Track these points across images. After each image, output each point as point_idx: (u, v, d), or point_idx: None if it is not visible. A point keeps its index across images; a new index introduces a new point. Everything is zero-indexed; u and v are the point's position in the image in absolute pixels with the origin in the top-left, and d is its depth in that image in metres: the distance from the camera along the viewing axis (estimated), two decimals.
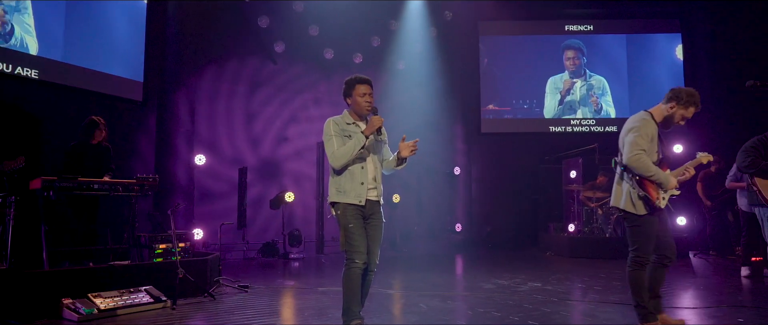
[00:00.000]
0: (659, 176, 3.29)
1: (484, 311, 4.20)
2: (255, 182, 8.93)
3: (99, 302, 4.04)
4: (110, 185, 4.86)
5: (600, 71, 10.78)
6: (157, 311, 4.23)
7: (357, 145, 3.19)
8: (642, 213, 3.33)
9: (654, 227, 3.36)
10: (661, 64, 10.75)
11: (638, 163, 3.25)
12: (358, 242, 3.20)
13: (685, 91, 3.38)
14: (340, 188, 3.27)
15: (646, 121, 3.38)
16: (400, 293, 5.13)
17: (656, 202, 3.31)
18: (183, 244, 5.24)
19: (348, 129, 3.29)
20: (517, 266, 7.05)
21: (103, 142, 5.34)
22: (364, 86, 3.32)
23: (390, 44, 9.99)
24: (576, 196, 8.82)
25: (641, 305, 3.36)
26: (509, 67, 10.84)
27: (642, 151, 3.27)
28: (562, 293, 5.02)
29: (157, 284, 4.54)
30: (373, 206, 3.32)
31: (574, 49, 10.85)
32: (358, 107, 3.32)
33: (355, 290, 3.19)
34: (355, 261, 3.18)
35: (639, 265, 3.37)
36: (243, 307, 4.48)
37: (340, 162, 3.23)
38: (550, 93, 10.71)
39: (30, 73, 6.11)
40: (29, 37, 6.18)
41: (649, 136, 3.32)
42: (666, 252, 3.43)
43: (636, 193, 3.34)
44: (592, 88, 10.69)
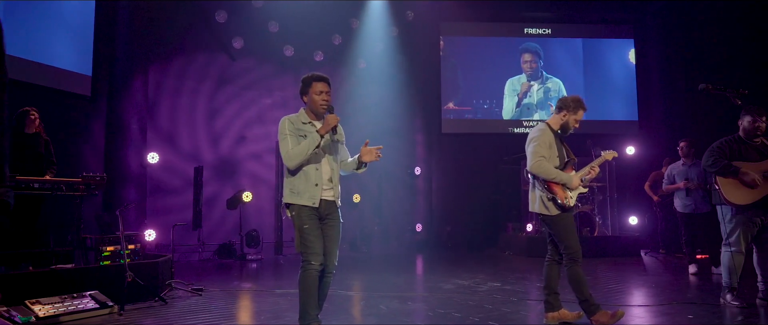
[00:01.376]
0: (561, 177, 3.57)
1: (445, 312, 4.17)
2: (212, 182, 8.67)
3: (37, 309, 3.78)
4: (53, 183, 4.58)
5: (557, 74, 11.02)
6: (102, 318, 4.00)
7: (312, 145, 3.10)
8: (554, 213, 3.59)
9: (571, 222, 3.62)
10: (615, 67, 11.09)
11: (539, 168, 3.56)
12: (313, 243, 3.10)
13: (570, 98, 3.71)
14: (294, 189, 3.17)
15: (543, 130, 3.69)
16: (360, 295, 5.06)
17: (565, 201, 3.56)
18: (133, 246, 5.01)
19: (303, 128, 3.20)
20: (476, 266, 7.10)
21: (41, 135, 5.03)
22: (321, 84, 3.23)
23: (351, 43, 9.89)
24: None
25: (585, 299, 3.55)
26: (470, 68, 10.94)
27: (542, 158, 3.56)
28: (521, 292, 5.07)
29: (104, 288, 4.31)
30: (329, 207, 3.22)
31: (531, 53, 11.05)
32: (314, 105, 3.22)
33: (311, 293, 3.09)
34: (310, 263, 3.08)
35: (573, 261, 3.58)
36: (195, 311, 4.30)
37: (294, 162, 3.13)
38: (508, 95, 10.88)
39: None
40: None
41: (547, 144, 3.61)
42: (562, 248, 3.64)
43: (545, 195, 3.59)
44: (549, 91, 10.91)
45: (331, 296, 4.85)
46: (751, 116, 4.18)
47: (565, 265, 3.63)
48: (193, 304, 4.59)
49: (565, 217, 3.58)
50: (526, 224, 9.09)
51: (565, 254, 3.59)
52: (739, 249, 4.20)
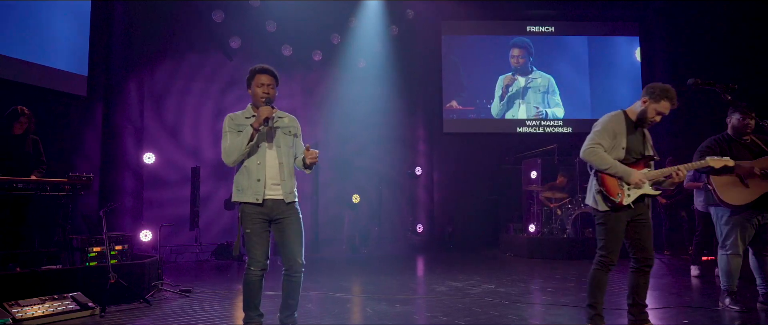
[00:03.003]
0: (617, 168, 3.16)
1: (431, 315, 4.07)
2: (211, 182, 8.62)
3: (15, 311, 3.74)
4: (37, 184, 4.55)
5: (562, 71, 10.82)
6: (82, 320, 3.95)
7: (244, 140, 3.01)
8: (603, 209, 3.23)
9: (619, 226, 3.22)
10: (621, 65, 10.89)
11: (591, 155, 3.18)
12: (254, 248, 3.06)
13: (659, 86, 3.24)
14: (238, 186, 3.11)
15: (613, 116, 3.29)
16: (349, 297, 4.96)
17: (616, 197, 3.17)
18: (120, 246, 4.96)
19: (244, 123, 3.12)
20: (474, 268, 6.97)
21: (30, 135, 5.00)
22: (264, 76, 3.13)
23: (350, 42, 9.80)
24: (536, 196, 8.82)
25: (592, 305, 3.26)
26: (473, 67, 10.80)
27: (597, 145, 3.18)
28: (514, 295, 4.94)
29: (88, 290, 4.26)
30: (279, 206, 3.10)
31: (519, 48, 10.89)
32: (255, 97, 3.15)
33: (250, 295, 3.11)
34: (250, 268, 3.07)
35: (601, 265, 3.25)
36: (179, 313, 4.23)
37: (229, 158, 3.06)
38: (497, 91, 10.74)
39: None
40: None
41: (610, 132, 3.22)
42: (640, 255, 3.28)
43: (595, 187, 3.25)
44: (535, 87, 10.71)
45: (318, 298, 4.79)
46: (740, 114, 4.01)
47: (593, 265, 3.28)
48: (178, 305, 4.52)
49: (614, 217, 3.18)
50: (527, 225, 8.94)
51: (598, 253, 3.24)
52: (736, 251, 4.04)
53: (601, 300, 3.26)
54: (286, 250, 3.13)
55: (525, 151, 9.34)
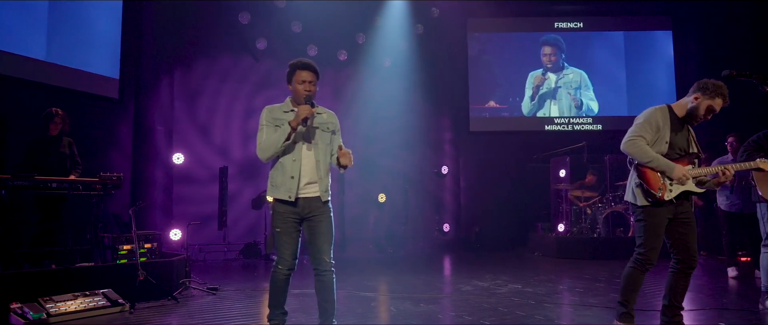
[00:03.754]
0: (659, 162, 3.05)
1: (456, 315, 4.02)
2: (238, 181, 8.73)
3: (50, 307, 3.85)
4: (70, 183, 4.68)
5: (596, 66, 10.51)
6: (112, 315, 4.04)
7: (281, 137, 2.97)
8: (641, 203, 3.11)
9: (659, 222, 3.09)
10: (656, 61, 10.55)
11: (632, 147, 3.08)
12: (283, 248, 3.04)
13: (712, 82, 3.12)
14: (273, 181, 3.09)
15: (657, 109, 3.17)
16: (373, 296, 4.94)
17: (658, 192, 3.04)
18: (149, 245, 5.06)
19: (282, 117, 3.07)
20: (501, 267, 6.87)
21: (64, 136, 5.15)
22: (306, 73, 3.07)
23: (376, 41, 9.79)
24: (564, 195, 8.65)
25: (623, 303, 3.17)
26: (505, 65, 10.64)
27: (638, 137, 3.08)
28: (541, 295, 4.84)
29: (118, 286, 4.36)
30: (312, 204, 3.06)
31: (551, 46, 10.65)
32: (296, 95, 3.11)
33: (276, 293, 3.11)
34: (278, 266, 3.07)
35: (639, 264, 3.13)
36: (204, 310, 4.29)
37: (264, 154, 3.03)
38: (527, 88, 10.54)
39: None
40: None
41: (653, 125, 3.10)
42: (683, 256, 3.15)
43: (634, 180, 3.14)
44: (566, 83, 10.48)
45: (343, 296, 4.78)
46: None
47: (629, 263, 3.17)
48: (204, 303, 4.59)
49: (654, 213, 3.06)
50: (555, 224, 8.78)
51: (636, 251, 3.13)
52: None
53: (633, 299, 3.16)
54: (314, 248, 3.10)
55: (553, 149, 9.15)
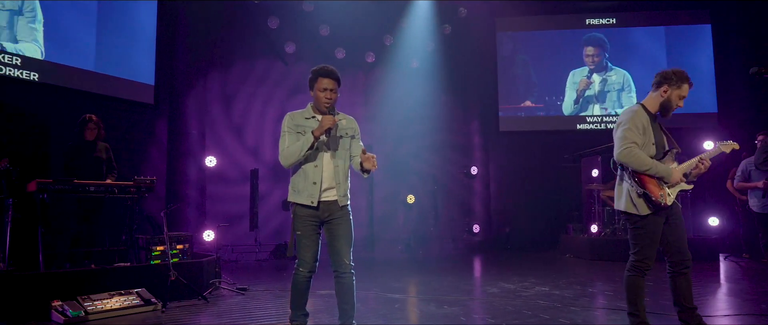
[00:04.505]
0: (657, 168, 3.04)
1: (479, 317, 4.01)
2: (269, 182, 8.89)
3: (87, 305, 4.03)
4: (106, 187, 4.88)
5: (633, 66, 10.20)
6: (145, 314, 4.20)
7: (305, 146, 3.02)
8: (644, 213, 3.07)
9: (658, 229, 3.10)
10: (695, 56, 10.15)
11: (629, 157, 3.04)
12: (303, 251, 3.10)
13: (672, 71, 3.15)
14: (295, 187, 3.15)
15: (635, 112, 3.15)
16: (398, 297, 4.96)
17: (659, 199, 3.03)
18: (181, 246, 5.22)
19: (304, 124, 3.13)
20: (530, 269, 6.78)
21: (100, 141, 5.36)
22: (327, 80, 3.11)
23: (403, 42, 9.82)
24: (597, 195, 8.46)
25: (635, 313, 3.12)
26: (535, 63, 10.48)
27: (633, 144, 3.04)
28: (569, 297, 4.76)
29: (151, 286, 4.52)
30: (331, 207, 3.13)
31: (594, 46, 10.39)
32: (317, 102, 3.16)
33: (297, 295, 3.18)
34: (299, 269, 3.12)
35: (638, 270, 3.12)
36: (233, 310, 4.41)
37: (287, 161, 3.09)
38: (569, 87, 10.32)
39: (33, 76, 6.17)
40: (32, 46, 6.25)
41: (639, 128, 3.09)
42: (677, 258, 3.14)
43: (635, 191, 3.08)
44: (608, 83, 10.22)
45: (367, 297, 4.82)
46: None
47: (627, 270, 3.15)
48: (233, 303, 4.71)
49: (654, 221, 3.06)
50: (588, 225, 8.59)
51: (634, 258, 3.11)
52: None
53: (642, 306, 3.12)
54: (334, 250, 3.15)
55: (585, 148, 8.97)
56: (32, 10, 6.28)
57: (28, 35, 6.17)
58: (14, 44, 6.04)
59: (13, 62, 5.98)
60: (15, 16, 6.10)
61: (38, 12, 6.33)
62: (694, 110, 9.82)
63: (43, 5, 6.33)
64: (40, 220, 4.51)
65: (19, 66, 6.03)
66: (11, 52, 5.97)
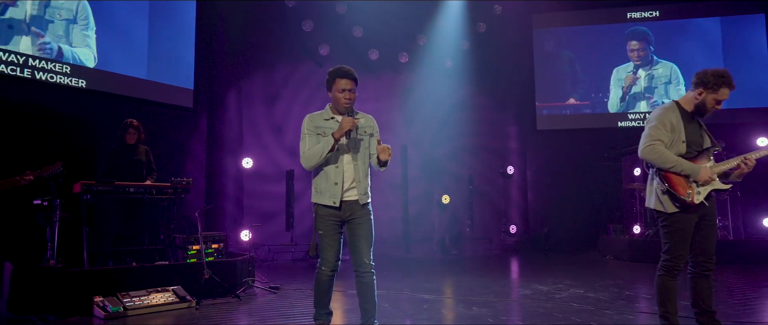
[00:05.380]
0: (682, 165, 2.94)
1: (507, 319, 3.94)
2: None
3: (126, 301, 4.21)
4: (145, 188, 5.08)
5: (689, 58, 9.74)
6: (180, 311, 4.35)
7: (325, 148, 3.05)
8: (671, 211, 2.98)
9: (688, 227, 2.99)
10: (750, 48, 9.61)
11: (652, 154, 2.98)
12: (325, 250, 3.13)
13: (711, 73, 3.00)
14: (317, 187, 3.18)
15: (666, 109, 3.07)
16: (427, 297, 4.94)
17: (686, 197, 2.93)
18: (216, 245, 5.37)
19: (324, 126, 3.16)
20: (567, 271, 6.61)
21: (140, 144, 5.58)
22: (345, 81, 3.12)
23: (436, 42, 9.77)
24: (638, 195, 8.17)
25: (664, 315, 3.03)
26: (575, 60, 10.22)
27: (656, 142, 2.98)
28: (603, 300, 4.62)
29: (186, 284, 4.68)
30: (352, 207, 3.15)
31: (638, 40, 10.02)
32: (336, 103, 3.17)
33: (320, 293, 3.20)
34: (321, 268, 3.16)
35: (667, 271, 3.02)
36: (264, 308, 4.50)
37: (308, 163, 3.12)
38: (614, 85, 9.98)
39: (81, 83, 6.50)
40: (86, 51, 6.60)
41: (667, 126, 3.00)
42: (701, 258, 3.05)
43: (660, 188, 3.02)
44: (655, 78, 9.82)
45: (396, 297, 4.82)
46: None
47: (658, 271, 3.06)
48: (265, 301, 4.81)
49: (683, 219, 2.96)
50: (630, 226, 8.31)
51: (663, 258, 3.02)
52: None
53: (673, 309, 3.02)
54: (354, 250, 3.18)
55: (626, 146, 8.67)
56: (86, 18, 6.64)
57: (81, 42, 6.52)
58: (70, 48, 6.39)
59: (64, 71, 6.33)
60: (70, 25, 6.46)
61: (91, 20, 6.68)
62: (749, 105, 9.31)
63: (98, 11, 6.66)
64: (84, 219, 4.75)
65: (69, 74, 6.37)
66: (64, 61, 6.32)
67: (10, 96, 5.94)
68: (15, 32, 5.97)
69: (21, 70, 5.94)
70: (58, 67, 6.26)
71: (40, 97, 6.16)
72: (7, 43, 5.88)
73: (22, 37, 6.01)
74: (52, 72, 6.22)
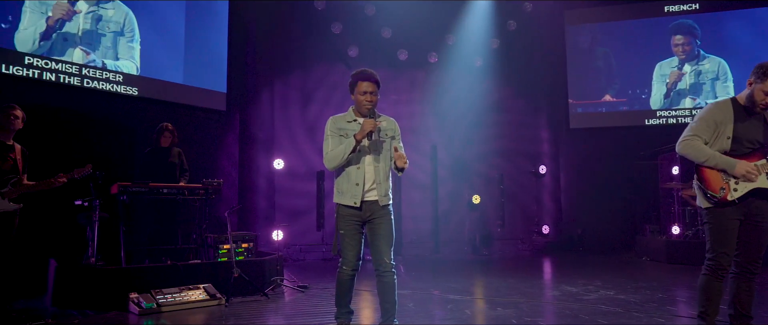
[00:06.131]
0: (717, 160, 2.85)
1: (531, 320, 3.90)
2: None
3: (159, 298, 4.38)
4: (177, 189, 5.26)
5: (740, 52, 9.31)
6: (210, 308, 4.49)
7: (347, 150, 3.11)
8: (705, 206, 2.93)
9: (729, 224, 2.86)
10: None
11: (686, 149, 2.93)
12: (346, 249, 3.18)
13: (763, 64, 2.87)
14: (339, 188, 3.24)
15: (716, 104, 2.98)
16: (453, 297, 4.93)
17: (719, 193, 2.83)
18: (246, 244, 5.51)
19: (346, 127, 3.21)
20: (599, 272, 6.47)
21: (174, 147, 5.78)
22: (367, 83, 3.17)
23: (465, 41, 9.71)
24: (676, 195, 7.91)
25: (702, 314, 2.93)
26: (611, 56, 9.97)
27: (693, 137, 2.92)
28: (633, 303, 4.51)
29: (217, 282, 4.82)
30: (373, 207, 3.19)
31: (683, 34, 9.66)
32: (358, 105, 3.22)
33: (341, 292, 3.26)
34: (342, 267, 3.20)
35: (711, 270, 2.89)
36: (291, 306, 4.60)
37: (331, 164, 3.18)
38: (656, 81, 9.66)
39: (133, 90, 6.84)
40: (129, 63, 6.89)
41: (711, 122, 2.92)
42: (745, 260, 2.90)
43: (695, 182, 2.97)
44: (702, 74, 9.47)
45: (421, 297, 4.84)
46: None
47: (702, 270, 2.94)
48: (292, 300, 4.91)
49: (720, 214, 2.86)
50: (668, 226, 8.05)
51: (706, 259, 2.92)
52: None
53: (712, 310, 2.90)
54: (375, 250, 3.22)
55: (663, 145, 8.40)
56: (132, 31, 6.96)
57: (126, 53, 6.84)
58: (115, 62, 6.71)
59: (116, 79, 6.67)
60: (118, 37, 6.78)
61: (136, 32, 7.00)
62: None
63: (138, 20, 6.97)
64: (121, 219, 4.96)
65: (121, 82, 6.72)
66: (112, 69, 6.64)
67: (62, 103, 6.27)
68: (69, 45, 6.33)
69: (76, 80, 6.29)
70: (112, 76, 6.61)
71: (87, 104, 6.49)
72: (63, 55, 6.26)
73: (75, 50, 6.37)
74: (105, 81, 6.56)
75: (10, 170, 4.10)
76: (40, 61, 6.05)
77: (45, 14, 6.17)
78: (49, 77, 6.13)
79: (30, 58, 5.98)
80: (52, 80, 6.13)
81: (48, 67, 6.12)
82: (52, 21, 6.23)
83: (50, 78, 6.13)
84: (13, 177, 4.09)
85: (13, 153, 4.15)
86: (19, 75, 5.88)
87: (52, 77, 6.15)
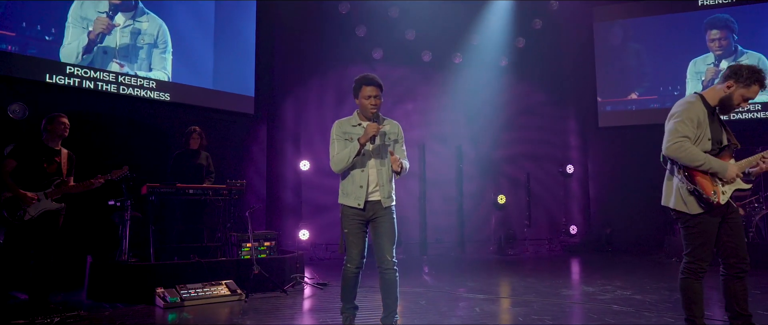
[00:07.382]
0: (711, 163, 2.81)
1: (538, 318, 3.93)
2: None
3: (183, 293, 4.63)
4: (203, 190, 5.52)
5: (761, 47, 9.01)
6: (231, 303, 4.71)
7: (352, 153, 3.23)
8: (695, 212, 2.87)
9: (712, 229, 2.87)
10: None
11: (680, 151, 2.84)
12: (351, 248, 3.30)
13: (746, 68, 2.86)
14: (344, 190, 3.37)
15: (692, 103, 2.92)
16: (466, 295, 4.99)
17: (712, 197, 2.80)
18: (268, 243, 5.73)
19: (351, 131, 3.33)
20: (622, 272, 6.38)
21: (202, 149, 6.06)
22: (370, 88, 3.28)
23: (490, 41, 9.69)
24: None
25: (690, 319, 2.93)
26: (642, 53, 9.77)
27: (684, 138, 2.84)
28: (648, 303, 4.47)
29: (238, 278, 5.05)
30: (375, 207, 3.30)
31: (719, 29, 9.35)
32: (362, 109, 3.34)
33: (346, 289, 3.37)
34: (347, 265, 3.32)
35: (691, 273, 2.91)
36: (307, 303, 4.77)
37: (337, 167, 3.31)
38: (691, 79, 9.39)
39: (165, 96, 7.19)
40: (161, 74, 7.24)
41: (693, 121, 2.87)
42: (733, 260, 2.91)
43: (685, 187, 2.89)
44: None
45: (434, 295, 4.93)
46: None
47: (680, 273, 2.95)
48: (311, 297, 5.09)
49: (707, 221, 2.85)
50: None
51: (686, 260, 2.92)
52: None
53: (699, 312, 2.90)
54: (377, 247, 3.34)
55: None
56: (164, 42, 7.32)
57: (158, 64, 7.20)
58: (148, 72, 7.08)
59: (150, 86, 7.04)
60: (152, 49, 7.15)
61: (169, 43, 7.35)
62: None
63: (170, 29, 7.33)
64: (150, 218, 5.26)
65: (155, 88, 7.08)
66: (143, 76, 7.01)
67: (100, 109, 6.66)
68: (109, 58, 6.73)
69: (112, 87, 6.69)
70: (145, 82, 6.98)
71: (122, 109, 6.87)
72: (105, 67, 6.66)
73: (113, 62, 6.76)
74: (139, 87, 6.94)
75: (55, 172, 4.45)
76: (80, 70, 6.45)
77: (86, 29, 6.57)
78: (88, 85, 6.52)
79: (71, 67, 6.39)
80: (90, 88, 6.53)
81: (87, 76, 6.52)
82: (92, 35, 6.63)
83: (89, 86, 6.53)
84: (57, 179, 4.43)
85: (59, 157, 4.50)
86: (62, 84, 6.30)
87: (91, 85, 6.54)
